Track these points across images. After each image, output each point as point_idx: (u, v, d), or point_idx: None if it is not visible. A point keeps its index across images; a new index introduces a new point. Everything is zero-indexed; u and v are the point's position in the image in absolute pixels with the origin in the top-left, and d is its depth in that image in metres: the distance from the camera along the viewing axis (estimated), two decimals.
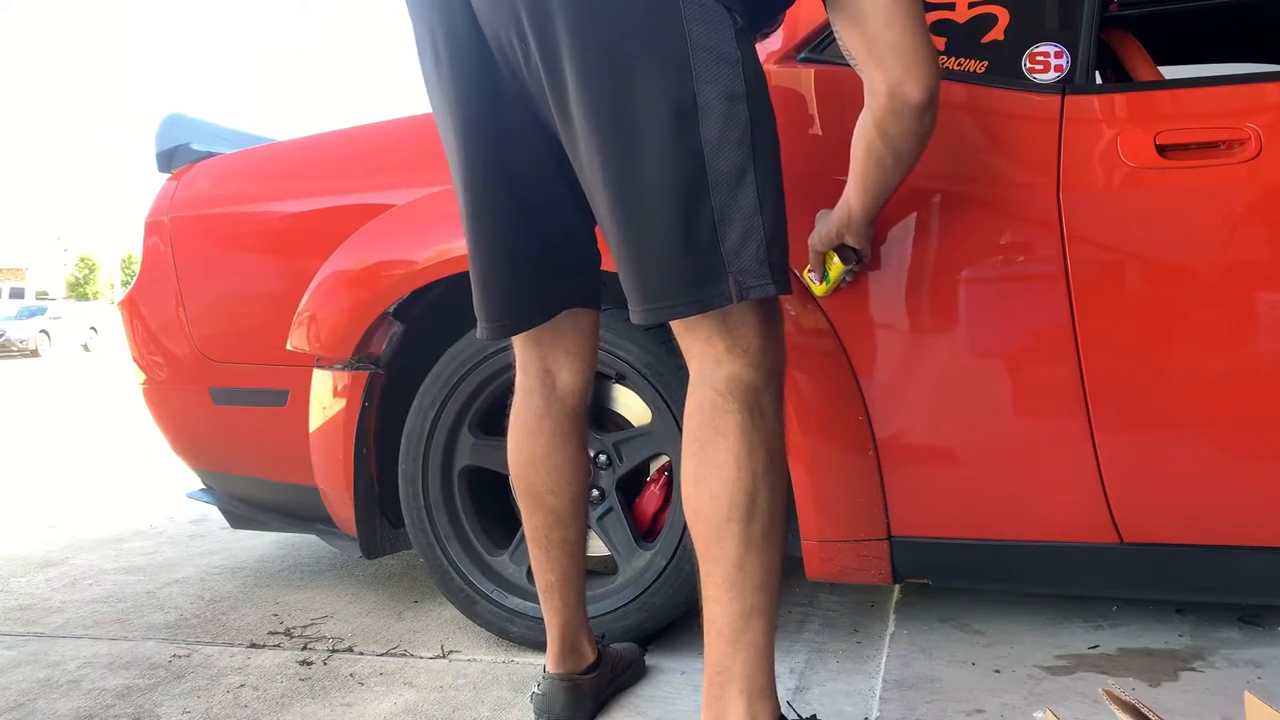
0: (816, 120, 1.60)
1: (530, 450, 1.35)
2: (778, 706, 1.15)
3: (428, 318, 1.80)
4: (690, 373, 1.13)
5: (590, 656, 1.44)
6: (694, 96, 1.03)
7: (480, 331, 1.30)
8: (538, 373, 1.35)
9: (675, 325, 1.13)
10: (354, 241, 1.81)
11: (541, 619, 1.67)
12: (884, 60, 1.14)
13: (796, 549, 1.59)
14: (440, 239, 1.67)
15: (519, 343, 1.35)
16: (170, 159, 2.14)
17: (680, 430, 1.59)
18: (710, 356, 1.11)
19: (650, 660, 1.64)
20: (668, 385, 1.60)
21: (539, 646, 1.68)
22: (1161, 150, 1.40)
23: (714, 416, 1.10)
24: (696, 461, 1.11)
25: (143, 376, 2.16)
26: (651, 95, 1.03)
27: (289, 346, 1.88)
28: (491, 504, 1.82)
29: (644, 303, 1.10)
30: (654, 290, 1.09)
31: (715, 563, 1.12)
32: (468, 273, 1.30)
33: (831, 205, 1.57)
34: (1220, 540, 1.46)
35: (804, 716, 1.22)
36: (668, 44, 1.02)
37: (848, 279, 1.48)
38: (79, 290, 48.20)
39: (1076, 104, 1.45)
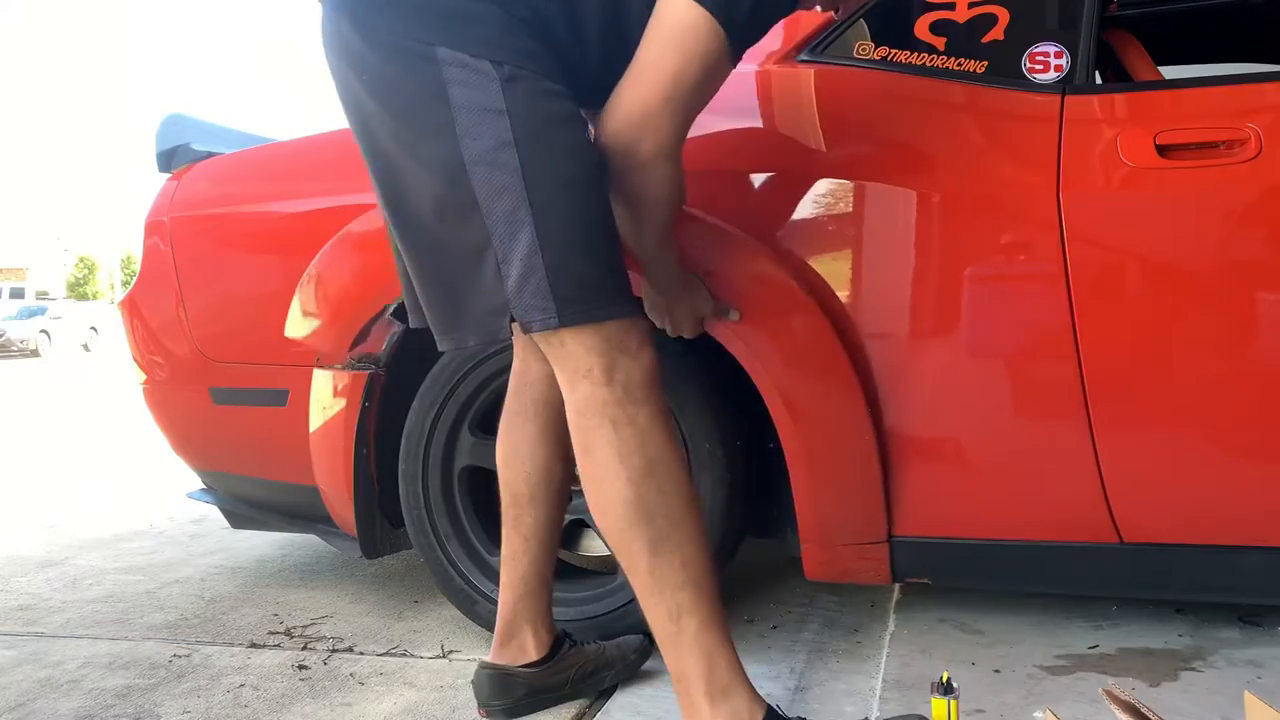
0: (817, 120, 1.60)
1: (502, 426, 1.43)
2: (755, 702, 1.17)
3: None
4: None
5: (532, 653, 1.44)
6: (460, 154, 1.09)
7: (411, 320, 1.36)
8: (520, 357, 1.42)
9: (545, 354, 1.20)
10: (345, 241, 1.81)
11: None
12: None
13: (796, 549, 1.59)
14: None
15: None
16: (170, 159, 2.14)
17: (681, 430, 1.59)
18: (565, 381, 1.17)
19: (650, 661, 1.64)
20: (668, 384, 1.59)
21: None
22: (1161, 150, 1.40)
23: (579, 436, 1.16)
24: (583, 481, 1.18)
25: (143, 376, 2.16)
26: (427, 160, 1.12)
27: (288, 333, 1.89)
28: (492, 504, 1.81)
29: (439, 334, 1.21)
30: (445, 326, 1.19)
31: (633, 575, 1.17)
32: None
33: (830, 204, 1.57)
34: (1220, 540, 1.46)
35: (791, 718, 1.22)
36: (435, 111, 1.10)
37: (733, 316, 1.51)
38: (79, 290, 48.18)
39: (1076, 104, 1.45)
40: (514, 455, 1.41)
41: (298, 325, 1.87)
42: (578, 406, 1.16)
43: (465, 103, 1.09)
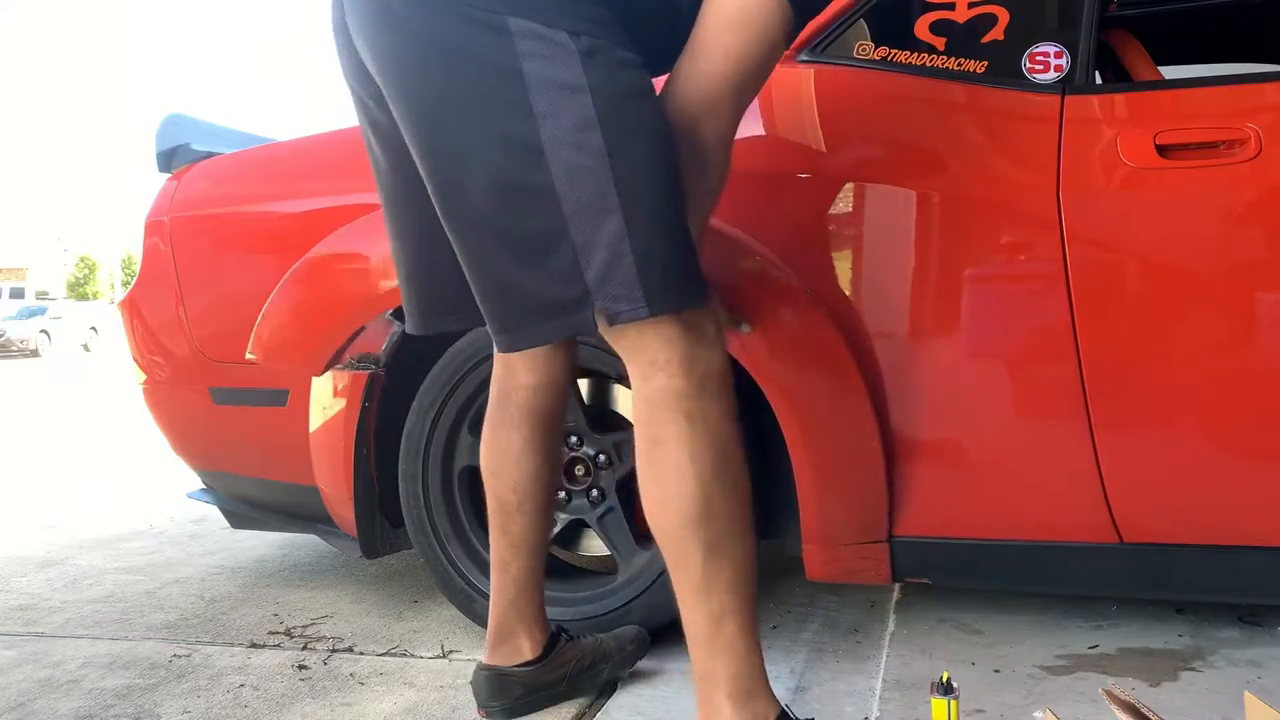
0: (817, 120, 1.60)
1: (486, 434, 1.40)
2: (772, 704, 1.15)
3: None
4: None
5: (528, 653, 1.42)
6: (537, 134, 1.01)
7: (409, 325, 1.34)
8: (502, 363, 1.38)
9: (611, 343, 1.13)
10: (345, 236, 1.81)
11: None
12: None
13: (796, 549, 1.59)
14: None
15: None
16: (170, 159, 2.14)
17: None
18: (637, 372, 1.12)
19: (650, 660, 1.64)
20: None
21: None
22: (1161, 150, 1.40)
23: (651, 427, 1.11)
24: (645, 474, 1.13)
25: (143, 376, 2.16)
26: (494, 140, 1.03)
27: (248, 355, 1.88)
28: None
29: (502, 333, 1.12)
30: (511, 323, 1.10)
31: (680, 571, 1.13)
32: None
33: (831, 204, 1.57)
34: (1220, 540, 1.46)
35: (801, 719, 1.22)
36: (506, 88, 1.01)
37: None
38: (79, 290, 48.19)
39: (1076, 104, 1.45)
40: (501, 464, 1.38)
41: (264, 349, 1.86)
42: (651, 399, 1.10)
43: (542, 78, 1.01)
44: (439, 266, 1.23)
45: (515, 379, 1.36)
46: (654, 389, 1.10)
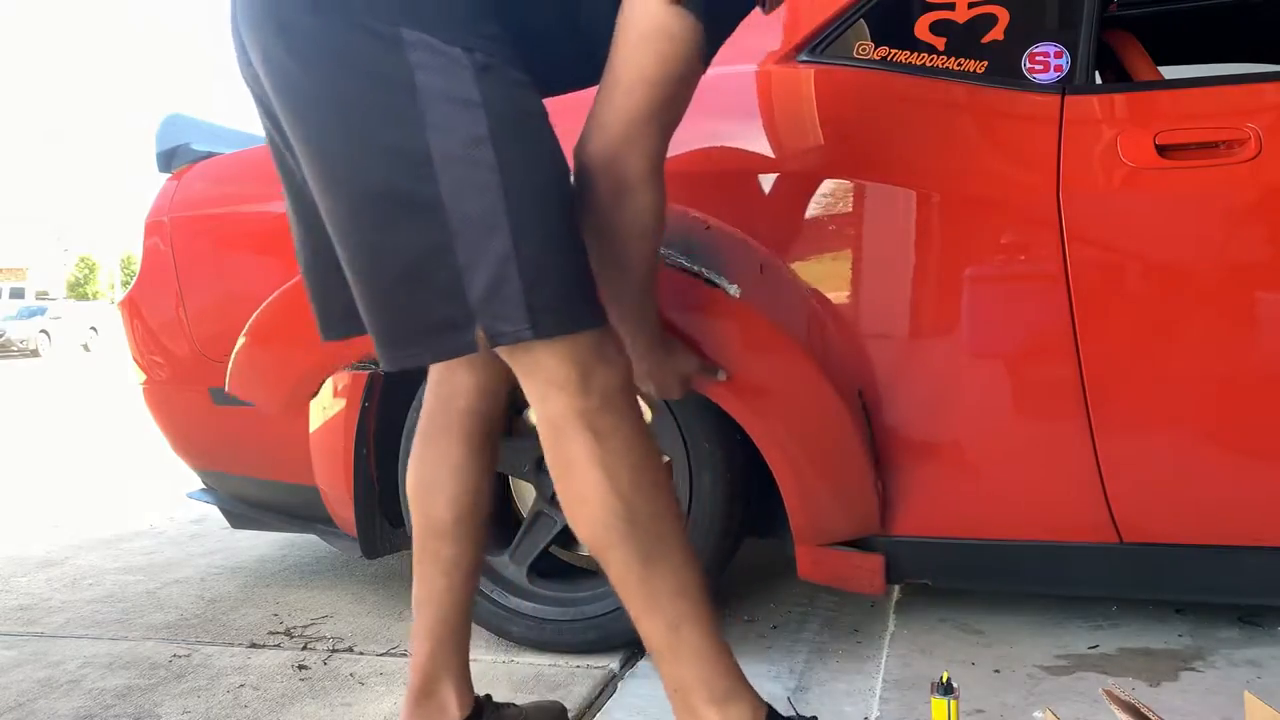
0: (817, 121, 1.60)
1: (417, 447, 1.29)
2: (757, 705, 1.14)
3: None
4: None
5: (455, 712, 1.27)
6: (426, 147, 0.98)
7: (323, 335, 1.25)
8: (441, 368, 1.30)
9: (509, 364, 1.10)
10: None
11: (542, 619, 1.68)
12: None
13: (794, 549, 1.59)
14: None
15: None
16: (170, 159, 2.14)
17: (681, 429, 1.60)
18: (535, 393, 1.08)
19: (650, 660, 1.64)
20: None
21: (540, 646, 1.68)
22: (1161, 150, 1.40)
23: (559, 450, 1.08)
24: (565, 498, 1.10)
25: (143, 376, 2.16)
26: (381, 152, 1.00)
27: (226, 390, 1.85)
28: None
29: (384, 349, 1.07)
30: (392, 339, 1.06)
31: (624, 587, 1.10)
32: None
33: (830, 204, 1.57)
34: (1220, 540, 1.46)
35: (804, 716, 1.21)
36: (396, 100, 0.98)
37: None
38: (79, 290, 48.19)
39: (1076, 104, 1.45)
40: (435, 479, 1.26)
41: (242, 382, 1.83)
42: (553, 420, 1.07)
43: (435, 91, 0.98)
44: (334, 274, 1.14)
45: (456, 382, 1.28)
46: (555, 410, 1.07)
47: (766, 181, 1.58)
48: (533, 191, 1.02)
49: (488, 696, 1.34)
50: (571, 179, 1.10)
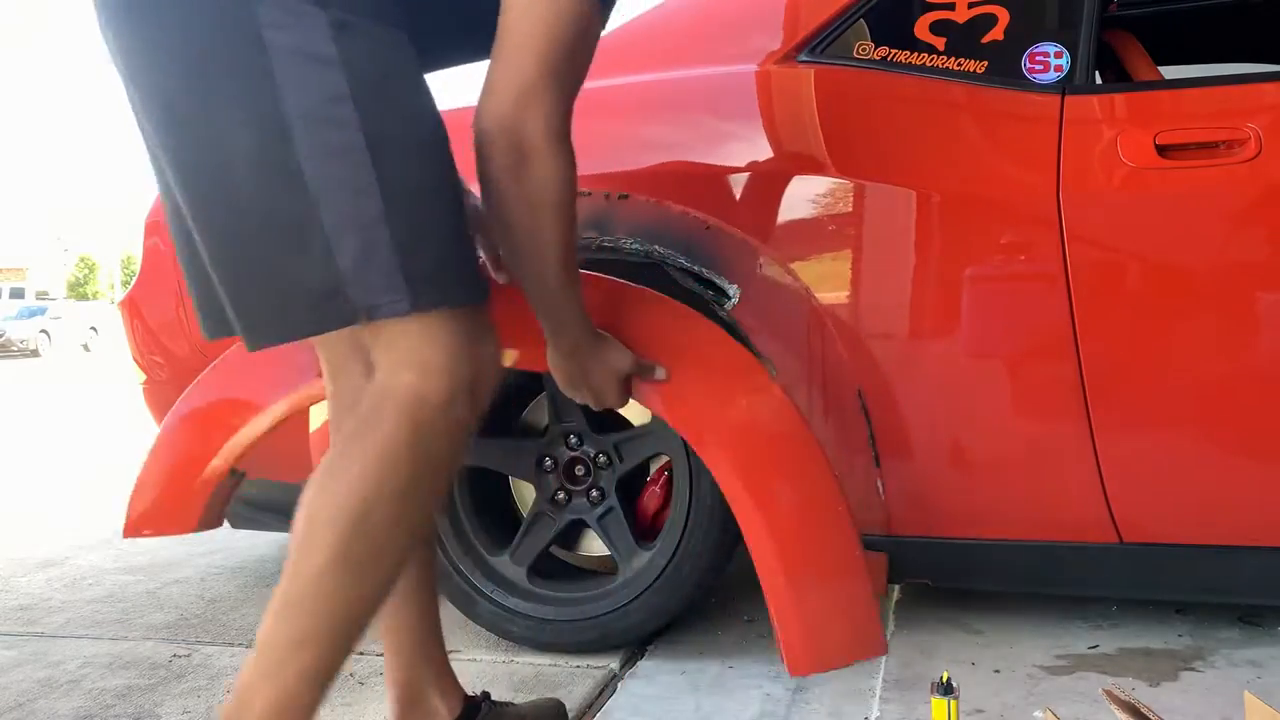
0: (817, 121, 1.60)
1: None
2: None
3: None
4: None
5: (445, 714, 1.23)
6: (281, 108, 0.90)
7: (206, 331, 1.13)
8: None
9: (368, 337, 1.00)
10: None
11: (542, 619, 1.68)
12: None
13: None
14: None
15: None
16: None
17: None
18: (386, 365, 0.98)
19: (650, 660, 1.64)
20: None
21: (540, 646, 1.68)
22: (1161, 150, 1.40)
23: (365, 421, 0.97)
24: (331, 457, 0.98)
25: (143, 376, 2.16)
26: (235, 115, 0.92)
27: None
28: (491, 504, 1.82)
29: (251, 328, 0.98)
30: (260, 315, 0.97)
31: (292, 573, 0.96)
32: None
33: (830, 204, 1.56)
34: (1220, 540, 1.46)
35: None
36: (246, 58, 0.91)
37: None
38: (79, 290, 48.20)
39: (1076, 104, 1.46)
40: None
41: (134, 526, 1.67)
42: (388, 391, 0.97)
43: (287, 48, 0.91)
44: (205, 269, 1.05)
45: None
46: (396, 381, 0.96)
47: (766, 181, 1.58)
48: (403, 152, 0.95)
49: (485, 694, 1.30)
50: (450, 144, 1.02)
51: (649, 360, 1.29)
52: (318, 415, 1.82)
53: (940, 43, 1.52)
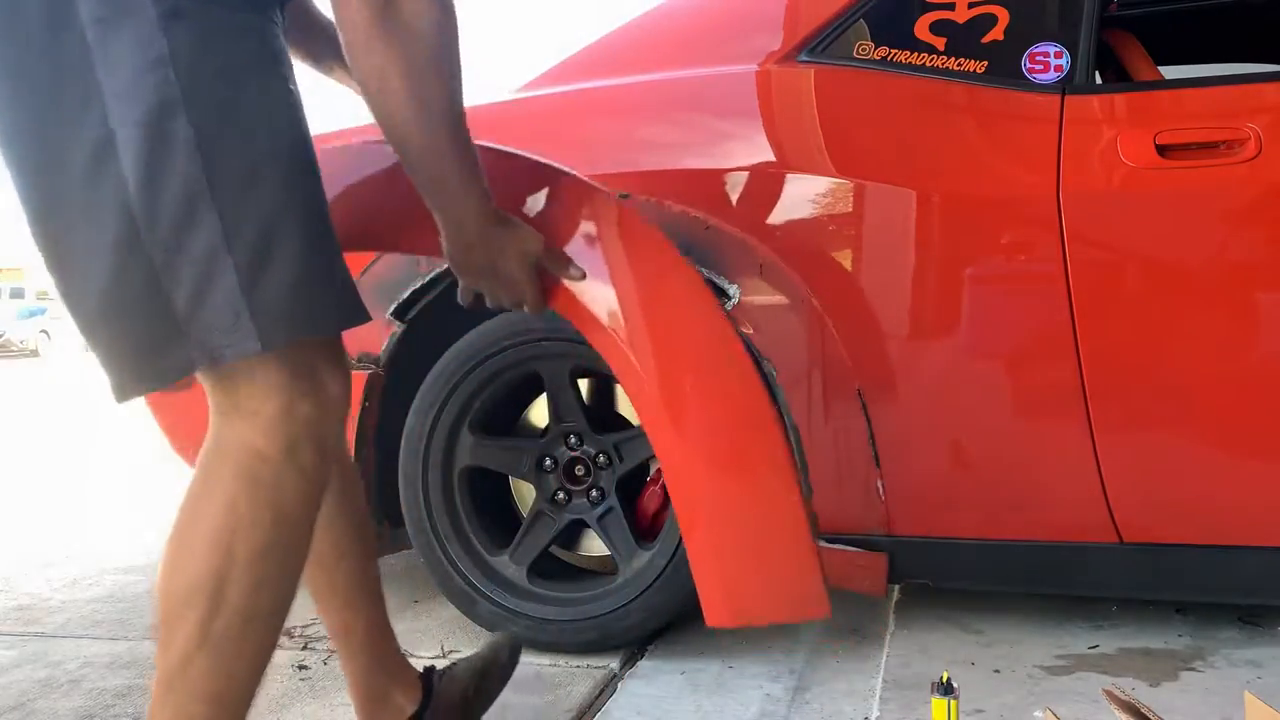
0: (817, 121, 1.60)
1: None
2: None
3: (427, 318, 1.80)
4: None
5: (408, 706, 1.21)
6: (105, 116, 0.79)
7: None
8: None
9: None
10: None
11: (542, 619, 1.68)
12: None
13: None
14: None
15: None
16: None
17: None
18: (219, 408, 0.89)
19: (650, 660, 1.64)
20: None
21: (540, 647, 1.68)
22: (1161, 150, 1.40)
23: (207, 473, 0.89)
24: (176, 524, 0.90)
25: None
26: (58, 132, 0.81)
27: None
28: (492, 504, 1.82)
29: (108, 378, 0.90)
30: (106, 366, 0.89)
31: (161, 653, 0.90)
32: None
33: (830, 204, 1.56)
34: (1220, 540, 1.46)
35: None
36: (69, 58, 0.79)
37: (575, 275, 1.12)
38: None
39: (1076, 104, 1.45)
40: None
41: None
42: (223, 443, 0.88)
43: (109, 46, 0.79)
44: None
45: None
46: (230, 435, 0.88)
47: (766, 182, 1.58)
48: (248, 164, 0.84)
49: (430, 668, 1.27)
50: (310, 139, 0.91)
51: (562, 255, 1.11)
52: None
53: (940, 43, 1.52)
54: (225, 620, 0.87)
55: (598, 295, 1.13)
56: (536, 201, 1.13)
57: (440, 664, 1.29)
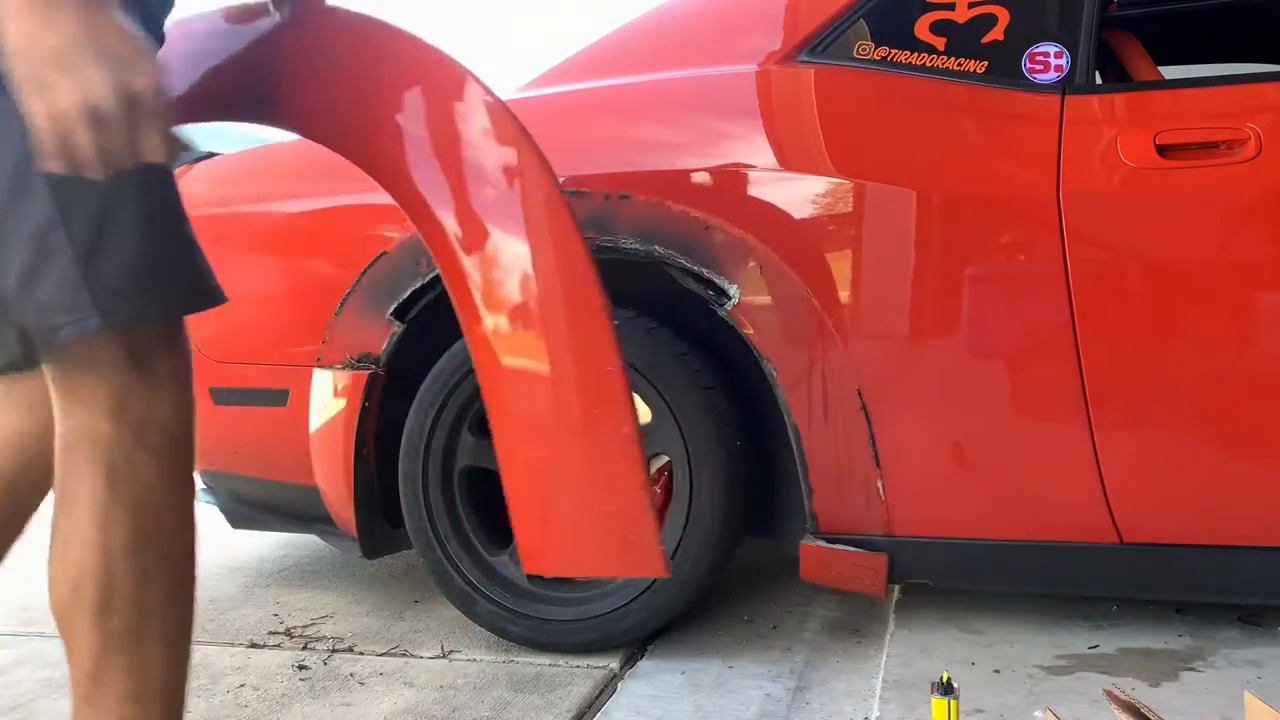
0: (817, 121, 1.60)
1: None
2: None
3: (428, 318, 1.80)
4: None
5: None
6: None
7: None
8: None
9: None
10: None
11: (542, 619, 1.68)
12: None
13: (795, 549, 1.59)
14: None
15: None
16: None
17: (680, 428, 1.60)
18: (59, 403, 0.85)
19: (650, 660, 1.64)
20: (668, 384, 1.60)
21: (540, 646, 1.68)
22: (1161, 150, 1.40)
23: (64, 482, 0.85)
24: (53, 540, 0.87)
25: None
26: None
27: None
28: (492, 504, 1.82)
29: None
30: None
31: (71, 665, 0.87)
32: None
33: (830, 204, 1.56)
34: (1220, 540, 1.46)
35: None
36: None
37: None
38: None
39: (1076, 104, 1.45)
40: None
41: None
42: (67, 441, 0.85)
43: None
44: None
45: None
46: (75, 426, 0.84)
47: (766, 182, 1.58)
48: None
49: None
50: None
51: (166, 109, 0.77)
52: (317, 415, 1.83)
53: (940, 43, 1.52)
54: (121, 616, 0.85)
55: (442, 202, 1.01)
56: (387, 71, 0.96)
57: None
